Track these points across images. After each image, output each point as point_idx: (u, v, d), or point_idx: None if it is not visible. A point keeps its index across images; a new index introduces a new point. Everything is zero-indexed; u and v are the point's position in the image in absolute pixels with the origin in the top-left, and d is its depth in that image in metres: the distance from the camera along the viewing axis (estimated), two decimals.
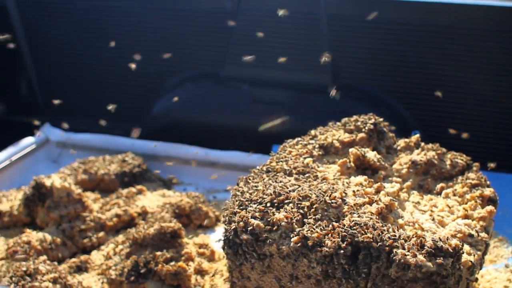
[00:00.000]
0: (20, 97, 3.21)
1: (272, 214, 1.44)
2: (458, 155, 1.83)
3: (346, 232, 1.35)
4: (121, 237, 2.12)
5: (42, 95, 3.17)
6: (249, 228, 1.41)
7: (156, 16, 2.86)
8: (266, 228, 1.41)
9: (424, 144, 1.88)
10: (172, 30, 2.84)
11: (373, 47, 2.64)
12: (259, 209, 1.45)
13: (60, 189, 2.17)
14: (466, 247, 1.44)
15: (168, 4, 2.83)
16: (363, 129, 1.86)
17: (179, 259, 1.93)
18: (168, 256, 1.89)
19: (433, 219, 1.55)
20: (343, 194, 1.49)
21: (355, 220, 1.38)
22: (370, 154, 1.74)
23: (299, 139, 1.87)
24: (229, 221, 1.47)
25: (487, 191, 1.66)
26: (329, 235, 1.36)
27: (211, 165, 2.70)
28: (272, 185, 1.55)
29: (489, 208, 1.59)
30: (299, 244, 1.36)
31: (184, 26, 2.82)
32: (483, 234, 1.51)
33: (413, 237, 1.35)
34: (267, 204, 1.47)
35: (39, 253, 2.00)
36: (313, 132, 1.90)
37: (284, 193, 1.50)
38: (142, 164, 2.62)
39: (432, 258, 1.30)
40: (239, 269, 1.49)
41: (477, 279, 1.57)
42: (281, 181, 1.58)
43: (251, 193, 1.53)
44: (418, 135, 1.90)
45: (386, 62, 2.65)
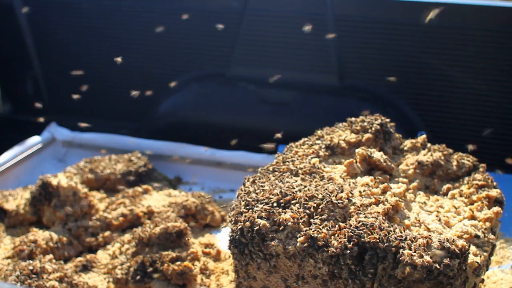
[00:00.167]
0: (27, 97, 3.22)
1: (278, 214, 1.44)
2: (464, 156, 1.83)
3: (352, 233, 1.35)
4: (127, 237, 2.12)
5: (48, 95, 3.18)
6: (255, 228, 1.42)
7: (162, 16, 2.86)
8: (272, 228, 1.41)
9: (430, 145, 1.88)
10: (178, 30, 2.84)
11: (380, 47, 2.63)
12: (265, 209, 1.45)
13: (66, 188, 2.18)
14: (472, 248, 1.44)
15: (174, 4, 2.83)
16: (370, 130, 1.85)
17: (185, 258, 1.93)
18: (174, 255, 1.90)
19: (440, 220, 1.55)
20: (350, 195, 1.49)
21: (361, 221, 1.38)
22: (377, 155, 1.74)
23: (306, 139, 1.87)
24: (235, 221, 1.47)
25: (494, 192, 1.66)
26: (336, 235, 1.36)
27: (217, 165, 2.70)
28: (279, 185, 1.55)
29: (496, 209, 1.58)
30: (305, 244, 1.36)
31: (191, 26, 2.82)
32: (490, 235, 1.51)
33: (419, 238, 1.35)
34: (274, 204, 1.48)
35: (45, 252, 2.00)
36: (320, 133, 1.90)
37: (291, 193, 1.50)
38: (148, 163, 2.62)
39: (439, 259, 1.30)
40: (245, 269, 1.49)
41: (483, 280, 1.57)
42: (287, 181, 1.58)
43: (257, 193, 1.53)
44: (424, 135, 1.90)
45: (393, 63, 2.64)
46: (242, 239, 1.44)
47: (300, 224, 1.41)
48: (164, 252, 1.90)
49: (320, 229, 1.38)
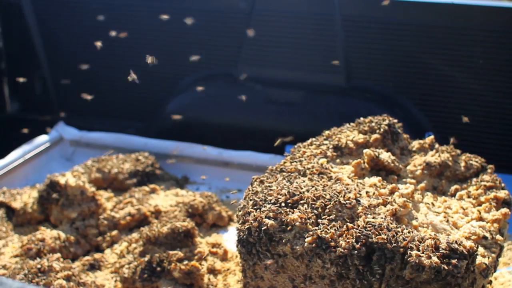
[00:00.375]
0: (35, 96, 3.23)
1: (286, 214, 1.44)
2: (472, 157, 1.83)
3: (360, 233, 1.35)
4: (134, 236, 2.13)
5: (56, 94, 3.19)
6: (263, 228, 1.42)
7: (171, 16, 2.86)
8: (280, 228, 1.41)
9: (438, 145, 1.87)
10: (186, 30, 2.85)
11: (387, 48, 2.63)
12: (273, 209, 1.46)
13: (74, 187, 2.18)
14: (480, 249, 1.44)
15: (183, 4, 2.83)
16: (377, 130, 1.85)
17: (192, 258, 1.93)
18: (181, 255, 1.90)
19: (447, 221, 1.55)
20: (358, 195, 1.49)
21: (369, 221, 1.38)
22: (384, 155, 1.74)
23: (313, 139, 1.87)
24: (243, 221, 1.48)
25: (502, 193, 1.65)
26: (343, 236, 1.36)
27: (224, 164, 2.70)
28: (286, 186, 1.55)
29: (504, 210, 1.58)
30: (313, 244, 1.36)
31: (199, 26, 2.82)
32: (498, 236, 1.51)
33: (427, 239, 1.35)
34: (281, 204, 1.48)
35: (53, 250, 2.01)
36: (327, 133, 1.90)
37: (298, 193, 1.50)
38: (156, 163, 2.62)
39: (447, 260, 1.30)
40: (253, 268, 1.49)
41: (491, 282, 1.56)
42: (295, 182, 1.58)
43: (265, 193, 1.53)
44: (432, 136, 1.90)
45: (400, 63, 2.64)
46: (249, 239, 1.44)
47: (308, 224, 1.41)
48: (172, 252, 1.90)
49: (328, 230, 1.38)
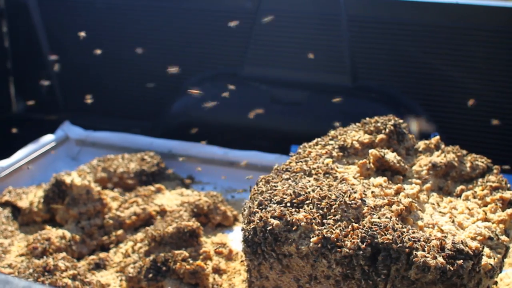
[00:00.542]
0: (40, 95, 3.24)
1: (291, 214, 1.44)
2: (478, 157, 1.82)
3: (365, 233, 1.34)
4: (139, 235, 2.13)
5: (62, 94, 3.20)
6: (268, 228, 1.42)
7: (176, 16, 2.87)
8: (285, 228, 1.41)
9: (444, 146, 1.87)
10: (192, 29, 2.85)
11: (393, 48, 2.63)
12: (278, 209, 1.46)
13: (79, 186, 2.19)
14: (486, 250, 1.44)
15: (188, 4, 2.84)
16: (383, 131, 1.85)
17: (197, 258, 1.93)
18: (187, 254, 1.90)
19: (453, 221, 1.54)
20: (363, 195, 1.49)
21: (374, 221, 1.38)
22: (390, 156, 1.73)
23: (319, 139, 1.87)
24: (248, 221, 1.48)
25: (508, 194, 1.65)
26: (349, 236, 1.36)
27: (230, 164, 2.70)
28: (292, 186, 1.55)
29: (510, 211, 1.58)
30: (318, 244, 1.36)
31: (205, 26, 2.82)
32: (503, 237, 1.50)
33: (433, 239, 1.35)
34: (287, 204, 1.48)
35: (59, 249, 2.01)
36: (333, 133, 1.90)
37: (304, 193, 1.50)
38: (161, 162, 2.62)
39: (452, 261, 1.30)
40: (258, 268, 1.49)
41: (497, 283, 1.56)
42: (300, 182, 1.58)
43: (270, 193, 1.53)
44: (438, 137, 1.89)
45: (406, 63, 2.64)
46: (255, 239, 1.44)
47: (314, 224, 1.41)
48: (177, 251, 1.91)
49: (333, 230, 1.38)
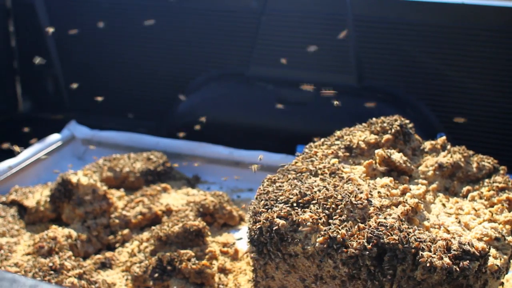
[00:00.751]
0: (47, 95, 3.24)
1: (297, 214, 1.44)
2: (485, 158, 1.82)
3: (371, 233, 1.34)
4: (145, 235, 2.13)
5: (68, 93, 3.20)
6: (274, 228, 1.42)
7: (182, 16, 2.87)
8: (291, 228, 1.41)
9: (450, 146, 1.87)
10: (198, 29, 2.85)
11: (399, 48, 2.62)
12: (284, 209, 1.45)
13: (86, 186, 2.19)
14: (492, 251, 1.43)
15: (194, 4, 2.84)
16: (389, 131, 1.85)
17: (203, 257, 1.94)
18: (192, 254, 1.90)
19: (459, 222, 1.54)
20: (369, 195, 1.49)
21: (381, 222, 1.38)
22: (396, 156, 1.73)
23: (325, 139, 1.87)
24: (254, 221, 1.48)
25: None
26: (355, 236, 1.36)
27: (235, 164, 2.70)
28: (298, 186, 1.55)
29: None
30: (324, 244, 1.36)
31: (210, 26, 2.83)
32: (510, 238, 1.50)
33: (439, 240, 1.34)
34: (293, 204, 1.48)
35: (65, 249, 2.01)
36: (339, 133, 1.90)
37: (310, 193, 1.50)
38: (167, 162, 2.63)
39: (459, 261, 1.30)
40: (264, 268, 1.49)
41: (503, 284, 1.56)
42: (306, 182, 1.58)
43: (276, 193, 1.53)
44: (444, 137, 1.89)
45: (412, 64, 2.63)
46: (261, 239, 1.44)
47: (319, 224, 1.41)
48: (183, 251, 1.91)
49: (339, 230, 1.38)
